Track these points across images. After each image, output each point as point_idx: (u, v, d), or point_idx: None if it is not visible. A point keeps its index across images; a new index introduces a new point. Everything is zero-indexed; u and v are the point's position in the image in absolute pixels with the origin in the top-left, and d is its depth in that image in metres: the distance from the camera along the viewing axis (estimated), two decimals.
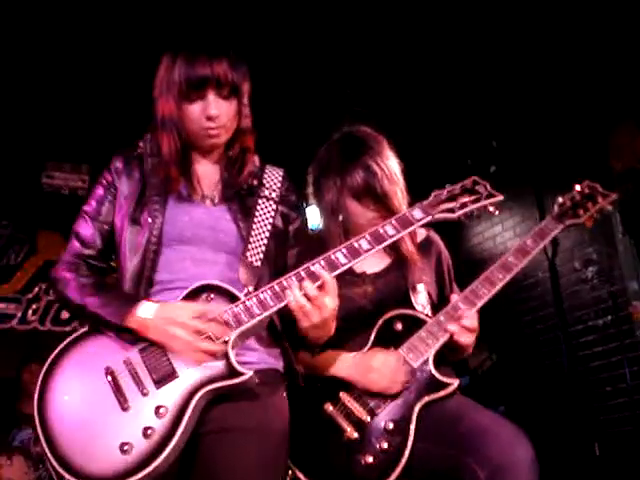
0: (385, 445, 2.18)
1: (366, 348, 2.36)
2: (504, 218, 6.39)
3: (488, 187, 2.27)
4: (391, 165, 2.51)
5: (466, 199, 2.21)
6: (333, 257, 2.00)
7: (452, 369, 2.43)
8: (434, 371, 2.30)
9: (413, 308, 2.45)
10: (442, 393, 2.28)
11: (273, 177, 2.23)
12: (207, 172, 2.17)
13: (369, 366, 2.28)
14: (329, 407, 2.27)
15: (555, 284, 5.23)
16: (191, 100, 2.01)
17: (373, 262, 2.54)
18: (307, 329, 1.96)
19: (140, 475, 1.73)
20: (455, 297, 2.40)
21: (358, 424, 2.23)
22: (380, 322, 2.40)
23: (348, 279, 2.44)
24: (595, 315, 5.49)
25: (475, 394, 2.51)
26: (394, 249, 2.53)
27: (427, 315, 2.43)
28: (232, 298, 1.94)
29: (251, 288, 1.98)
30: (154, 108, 2.10)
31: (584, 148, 5.30)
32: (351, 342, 2.39)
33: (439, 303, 2.53)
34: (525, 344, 6.09)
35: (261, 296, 1.93)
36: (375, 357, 2.30)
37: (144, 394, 1.83)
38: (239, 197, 2.14)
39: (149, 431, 1.77)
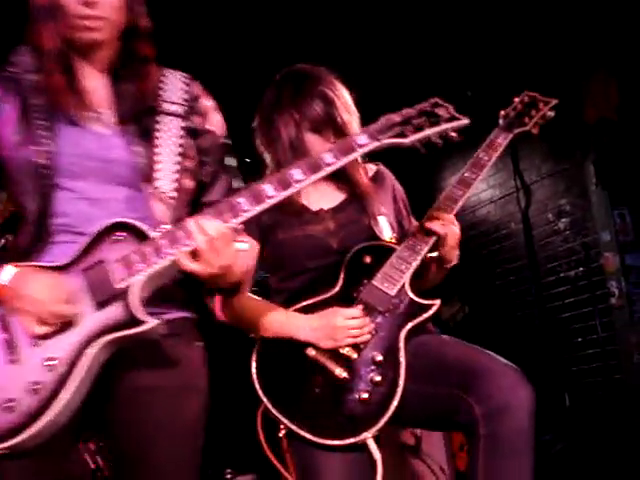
0: (378, 378, 2.10)
1: (337, 287, 2.29)
2: None
3: (451, 110, 1.98)
4: (346, 95, 2.43)
5: (423, 122, 1.92)
6: (260, 188, 1.71)
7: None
8: (412, 295, 2.23)
9: (378, 239, 2.39)
10: (425, 315, 2.21)
11: (175, 86, 1.88)
12: (95, 86, 1.82)
13: (332, 326, 2.19)
14: (311, 351, 2.19)
15: (528, 236, 5.22)
16: None
17: (328, 198, 2.46)
18: (205, 278, 1.71)
19: (24, 435, 1.54)
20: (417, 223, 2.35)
21: (345, 362, 2.15)
22: (347, 258, 2.32)
23: (305, 217, 2.38)
24: (567, 267, 5.50)
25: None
26: (348, 184, 2.46)
27: (394, 243, 2.37)
28: (142, 237, 1.66)
29: (168, 226, 1.69)
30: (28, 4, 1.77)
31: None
32: (321, 283, 2.31)
33: (400, 236, 2.45)
34: (497, 296, 6.11)
35: (175, 235, 1.65)
36: (335, 315, 2.21)
37: (35, 345, 1.62)
38: (136, 117, 1.81)
39: (37, 386, 1.57)
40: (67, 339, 1.61)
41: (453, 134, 1.96)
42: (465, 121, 1.97)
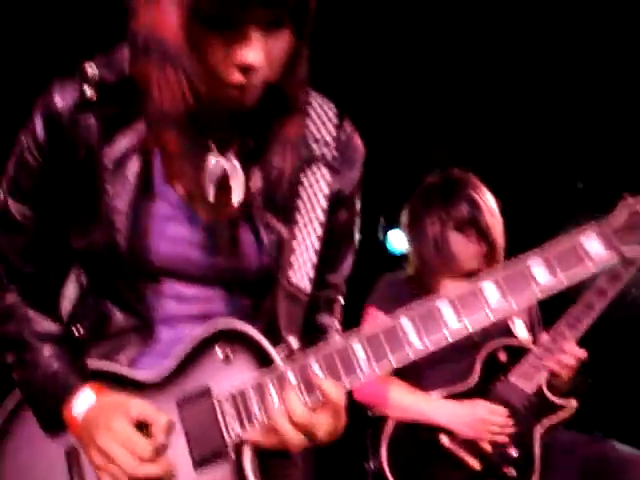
0: (513, 473, 2.15)
1: (473, 380, 2.38)
2: None
3: None
4: (492, 200, 2.55)
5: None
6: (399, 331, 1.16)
7: None
8: (549, 394, 2.29)
9: (515, 338, 2.44)
10: (562, 415, 2.27)
11: (322, 118, 1.27)
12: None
13: (477, 418, 2.24)
14: (445, 439, 2.24)
15: None
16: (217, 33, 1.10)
17: None
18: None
19: None
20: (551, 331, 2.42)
21: (480, 454, 2.20)
22: (484, 353, 2.40)
23: None
24: None
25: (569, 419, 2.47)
26: None
27: (529, 344, 2.42)
28: (264, 360, 1.15)
29: (294, 341, 1.18)
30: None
31: None
32: (456, 374, 2.41)
33: (533, 339, 2.55)
34: (622, 367, 5.89)
35: (314, 365, 1.11)
36: (481, 407, 2.27)
37: None
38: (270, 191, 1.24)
39: None
40: None
41: None
42: None
